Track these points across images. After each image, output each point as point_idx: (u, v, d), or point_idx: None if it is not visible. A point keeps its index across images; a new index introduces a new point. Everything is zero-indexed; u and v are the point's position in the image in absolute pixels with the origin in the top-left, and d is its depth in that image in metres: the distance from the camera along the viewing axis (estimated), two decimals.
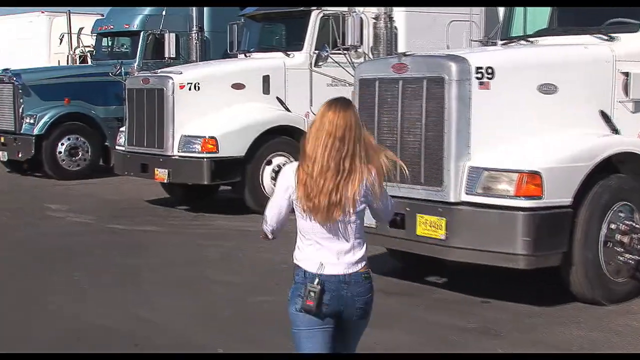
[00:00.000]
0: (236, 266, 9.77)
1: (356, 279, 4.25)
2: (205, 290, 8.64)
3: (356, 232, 4.26)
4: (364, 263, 4.30)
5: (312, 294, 4.18)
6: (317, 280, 4.20)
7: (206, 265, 9.75)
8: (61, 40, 22.34)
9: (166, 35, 16.90)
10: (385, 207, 4.41)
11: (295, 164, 4.30)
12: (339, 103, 4.21)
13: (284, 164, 12.19)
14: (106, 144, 17.77)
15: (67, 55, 21.83)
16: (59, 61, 22.56)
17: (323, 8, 13.52)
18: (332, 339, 4.30)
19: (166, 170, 13.00)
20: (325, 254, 4.24)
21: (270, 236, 4.45)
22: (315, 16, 13.58)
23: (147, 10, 18.18)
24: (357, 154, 4.15)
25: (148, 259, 10.11)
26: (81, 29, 21.55)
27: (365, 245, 4.33)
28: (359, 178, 4.15)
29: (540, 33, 9.36)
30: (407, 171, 4.77)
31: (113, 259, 10.11)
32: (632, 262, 7.87)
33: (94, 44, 20.23)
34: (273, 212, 4.36)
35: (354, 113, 4.21)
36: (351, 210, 4.17)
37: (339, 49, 13.09)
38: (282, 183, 4.32)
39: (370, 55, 13.25)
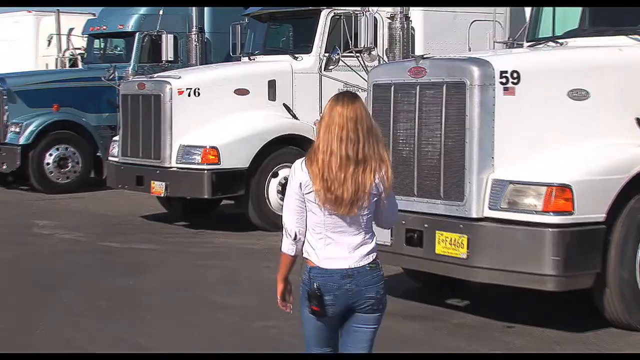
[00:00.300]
0: (239, 288, 9.79)
1: (359, 270, 4.62)
2: (206, 315, 8.66)
3: (366, 226, 4.65)
4: (374, 255, 4.68)
5: (314, 300, 4.59)
6: (315, 284, 4.58)
7: (207, 287, 9.78)
8: (49, 41, 22.46)
9: (163, 37, 16.96)
10: (390, 205, 4.71)
11: (302, 159, 4.62)
12: (346, 96, 4.63)
13: None
14: (98, 154, 17.84)
15: (56, 58, 21.93)
16: (47, 64, 22.68)
17: (334, 7, 13.56)
18: (339, 340, 4.74)
19: (163, 183, 13.05)
20: (334, 248, 4.61)
21: (293, 251, 4.69)
22: (326, 16, 13.63)
23: (142, 9, 18.27)
24: (371, 144, 4.54)
25: (144, 280, 10.14)
26: (71, 29, 21.68)
27: (374, 237, 4.70)
28: (373, 168, 4.54)
29: (570, 34, 9.38)
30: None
31: (106, 280, 10.14)
32: None
33: (85, 46, 20.33)
34: (293, 215, 4.66)
35: (362, 105, 4.61)
36: (366, 203, 4.56)
37: (351, 52, 13.14)
38: (294, 180, 4.64)
39: (385, 58, 13.29)
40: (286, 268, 4.77)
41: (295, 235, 4.66)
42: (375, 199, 4.60)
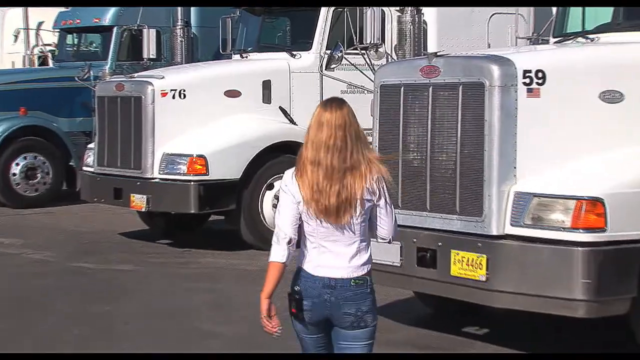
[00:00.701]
0: (230, 314, 9.79)
1: (342, 283, 4.99)
2: (192, 344, 8.67)
3: (360, 235, 5.03)
4: (368, 267, 5.06)
5: (293, 302, 5.03)
6: (297, 287, 5.03)
7: (193, 313, 9.79)
8: (16, 37, 22.49)
9: (145, 32, 16.99)
10: (387, 210, 5.04)
11: (292, 169, 4.98)
12: (334, 102, 5.05)
13: None
14: (71, 164, 17.83)
15: (24, 56, 21.95)
16: (13, 63, 22.70)
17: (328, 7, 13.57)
18: (327, 346, 5.12)
19: (145, 197, 13.05)
20: (329, 256, 5.02)
21: (285, 257, 5.00)
22: (327, 9, 13.65)
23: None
24: (359, 150, 4.97)
25: (122, 306, 10.15)
26: (40, 23, 21.67)
27: (370, 248, 5.10)
28: (363, 174, 4.94)
29: (602, 29, 9.40)
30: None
31: (79, 306, 10.14)
32: None
33: (56, 42, 20.35)
34: (288, 219, 4.98)
35: (350, 110, 5.04)
36: (359, 210, 4.94)
37: (356, 49, 13.16)
38: (286, 191, 5.04)
39: (394, 56, 13.33)
40: (274, 282, 5.01)
41: (290, 240, 4.99)
42: (369, 204, 4.99)
